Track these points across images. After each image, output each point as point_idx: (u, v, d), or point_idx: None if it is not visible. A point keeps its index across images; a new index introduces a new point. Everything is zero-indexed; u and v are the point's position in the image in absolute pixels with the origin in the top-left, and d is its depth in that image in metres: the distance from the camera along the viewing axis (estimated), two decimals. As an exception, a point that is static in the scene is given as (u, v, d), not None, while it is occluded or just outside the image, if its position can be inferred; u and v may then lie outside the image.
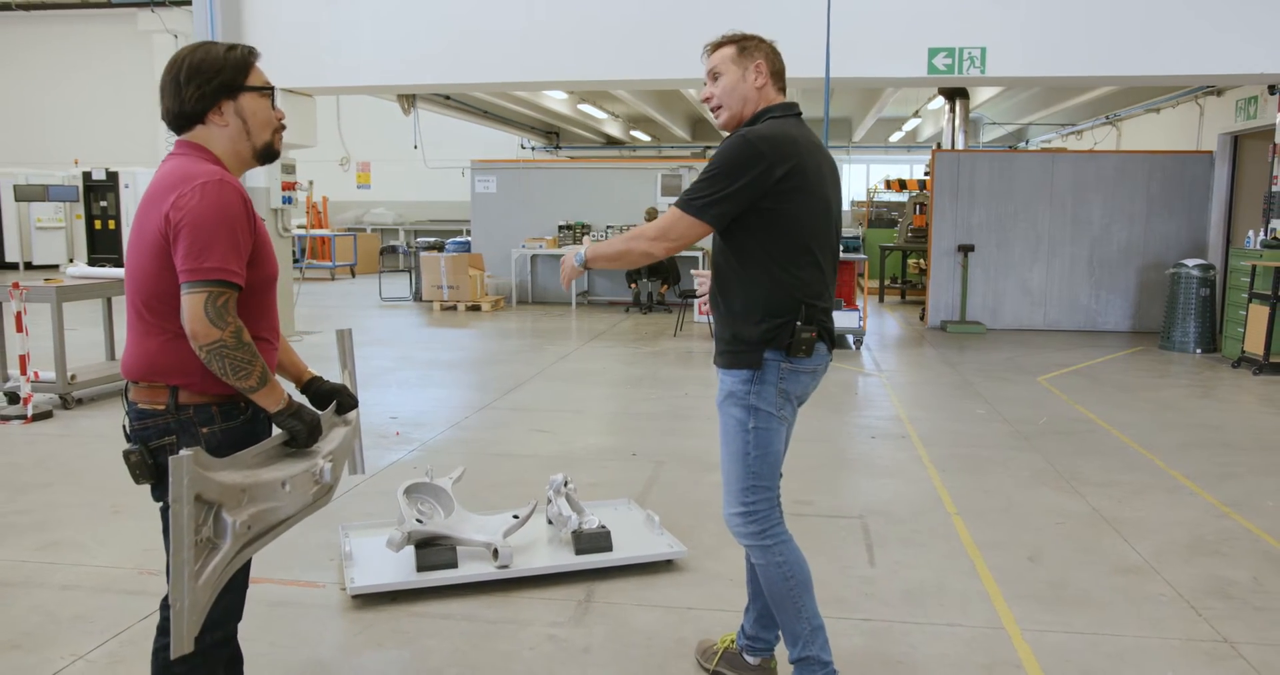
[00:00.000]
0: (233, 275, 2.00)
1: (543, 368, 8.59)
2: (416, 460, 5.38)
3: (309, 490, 2.11)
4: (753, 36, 2.66)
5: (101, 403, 6.87)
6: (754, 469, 2.61)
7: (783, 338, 2.52)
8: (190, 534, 1.79)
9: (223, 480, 1.88)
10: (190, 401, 2.08)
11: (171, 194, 2.00)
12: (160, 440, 2.07)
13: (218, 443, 2.08)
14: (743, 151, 2.44)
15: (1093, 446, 5.93)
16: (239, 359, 2.00)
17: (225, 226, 1.99)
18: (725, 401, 2.63)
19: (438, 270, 13.19)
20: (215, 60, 2.11)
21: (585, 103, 18.09)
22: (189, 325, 1.97)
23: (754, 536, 2.66)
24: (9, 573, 3.71)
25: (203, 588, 1.84)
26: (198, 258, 1.96)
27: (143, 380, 2.08)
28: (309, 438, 2.15)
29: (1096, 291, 11.39)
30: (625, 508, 4.39)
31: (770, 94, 2.63)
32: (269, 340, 2.21)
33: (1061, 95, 14.29)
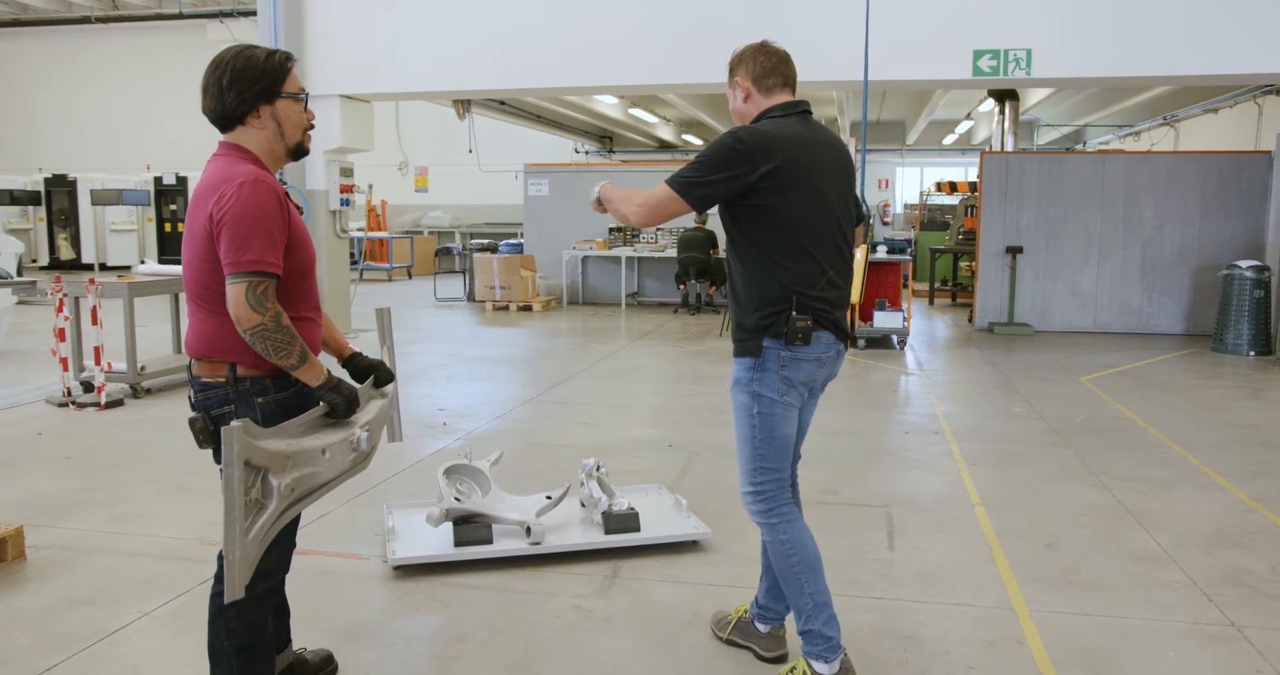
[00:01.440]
0: (270, 266, 2.23)
1: (588, 365, 8.81)
2: (461, 448, 5.61)
3: (347, 457, 2.34)
4: (738, 53, 2.82)
5: (168, 392, 7.25)
6: (761, 451, 2.76)
7: (778, 326, 2.65)
8: (240, 495, 2.02)
9: (269, 447, 2.11)
10: (247, 375, 2.32)
11: (214, 194, 2.23)
12: (220, 409, 2.31)
13: (270, 411, 2.32)
14: (728, 147, 2.58)
15: (1127, 443, 5.96)
16: (279, 340, 2.23)
17: (261, 222, 2.22)
18: (733, 388, 2.79)
19: (490, 271, 13.52)
20: (256, 67, 2.34)
21: (636, 107, 18.33)
22: (233, 311, 2.21)
23: (761, 515, 2.82)
24: (83, 541, 4.03)
25: (252, 542, 2.07)
26: (238, 252, 2.20)
27: (204, 357, 2.33)
28: (347, 409, 2.38)
29: (1148, 294, 11.28)
30: (656, 493, 4.57)
31: (759, 101, 2.77)
32: (312, 319, 2.44)
33: (1117, 96, 14.16)
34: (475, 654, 3.06)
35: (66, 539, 4.04)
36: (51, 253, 20.38)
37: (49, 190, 20.30)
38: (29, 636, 3.13)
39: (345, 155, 10.68)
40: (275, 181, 2.32)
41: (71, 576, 3.65)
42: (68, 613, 3.32)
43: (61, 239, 20.34)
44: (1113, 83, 11.32)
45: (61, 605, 3.38)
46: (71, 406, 6.64)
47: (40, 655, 3.00)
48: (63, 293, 6.78)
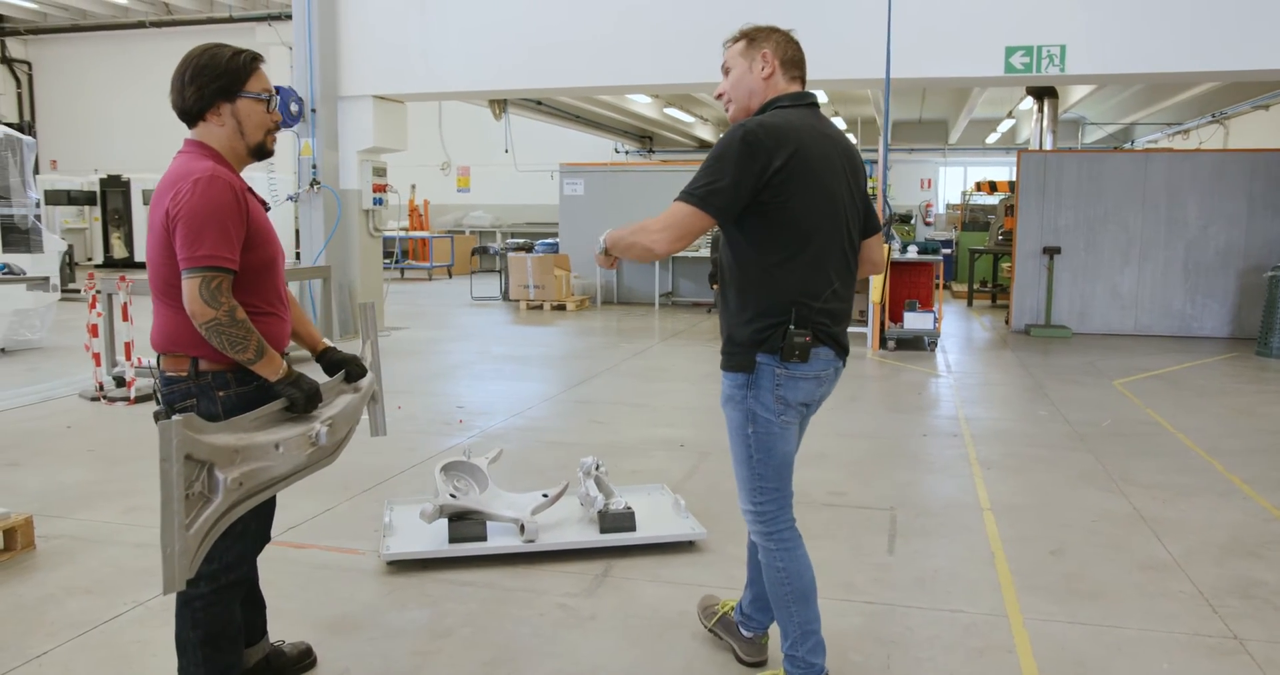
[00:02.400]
0: (224, 261, 2.26)
1: (614, 364, 8.82)
2: (473, 447, 5.66)
3: (304, 452, 2.35)
4: (764, 27, 2.60)
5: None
6: (759, 472, 2.57)
7: (774, 341, 2.43)
8: (180, 488, 2.04)
9: (213, 442, 2.14)
10: (209, 369, 2.36)
11: (171, 191, 2.28)
12: (183, 402, 2.36)
13: (232, 405, 2.36)
14: (739, 141, 2.35)
15: (1152, 449, 5.81)
16: (234, 335, 2.26)
17: (215, 218, 2.25)
18: (725, 403, 2.58)
19: (525, 270, 13.60)
20: (218, 65, 2.37)
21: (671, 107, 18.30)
22: (188, 306, 2.24)
23: (761, 536, 2.66)
24: (92, 532, 4.13)
25: (194, 536, 2.09)
26: (192, 247, 2.23)
27: (167, 351, 2.38)
28: (307, 404, 2.40)
29: (1192, 296, 10.99)
30: (657, 492, 4.56)
31: (779, 84, 2.56)
32: (276, 314, 2.47)
33: (1162, 93, 13.83)
34: (455, 650, 3.08)
35: (77, 529, 4.14)
36: (106, 251, 20.91)
37: (104, 190, 20.83)
38: (25, 624, 3.22)
39: (378, 155, 10.81)
40: (233, 177, 2.35)
41: (75, 566, 3.74)
42: (66, 601, 3.40)
43: (115, 238, 20.86)
44: (1152, 79, 11.04)
45: (61, 594, 3.47)
46: (103, 401, 6.80)
47: (33, 642, 3.08)
48: (95, 290, 6.96)
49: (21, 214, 8.56)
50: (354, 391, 2.66)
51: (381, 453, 5.14)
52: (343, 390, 2.62)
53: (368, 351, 2.89)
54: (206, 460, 2.15)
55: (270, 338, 2.39)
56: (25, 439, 5.77)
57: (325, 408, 2.48)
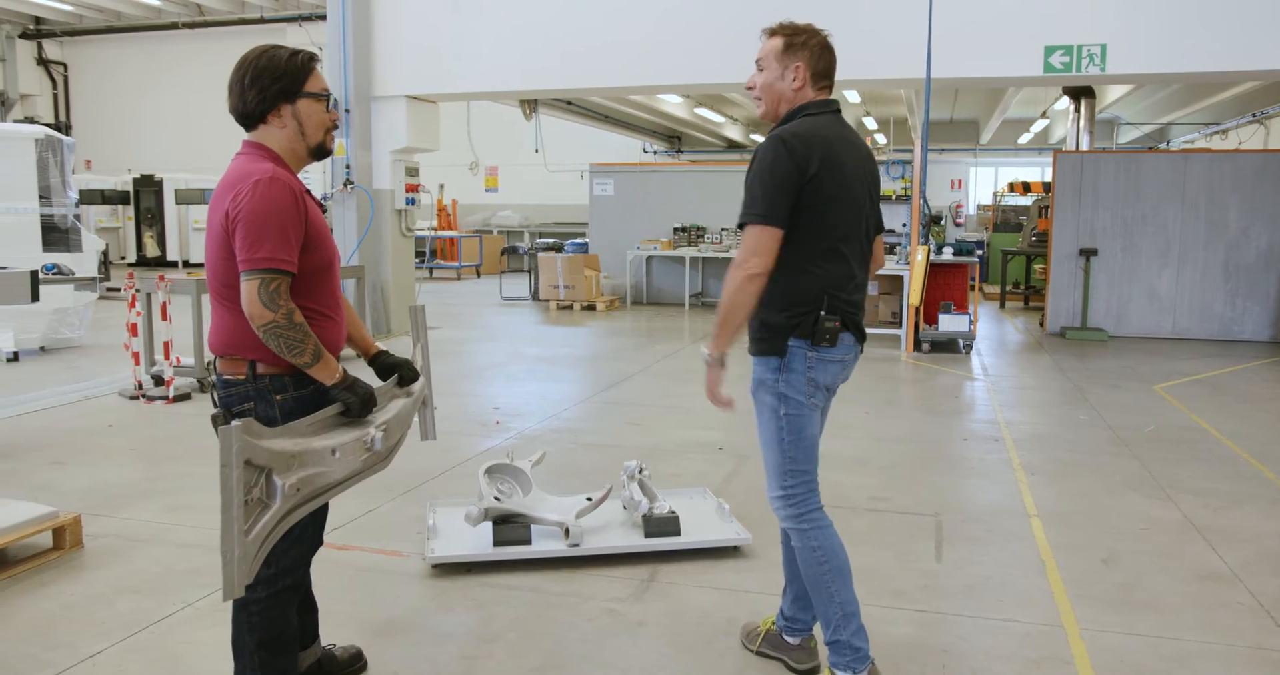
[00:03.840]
0: (283, 263, 2.25)
1: (646, 365, 8.80)
2: (512, 447, 5.65)
3: (359, 457, 2.34)
4: (804, 30, 2.70)
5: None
6: (790, 454, 2.72)
7: (806, 326, 2.62)
8: (239, 494, 2.03)
9: (271, 447, 2.13)
10: (266, 372, 2.35)
11: (231, 192, 2.27)
12: (241, 406, 2.35)
13: (290, 408, 2.35)
14: (782, 156, 2.55)
15: (1198, 455, 5.72)
16: (292, 338, 2.25)
17: (276, 220, 2.24)
18: (757, 389, 2.74)
19: (554, 270, 13.59)
20: (277, 66, 2.37)
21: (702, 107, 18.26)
22: (246, 308, 2.24)
23: (792, 519, 2.76)
24: (139, 530, 4.15)
25: (253, 541, 2.08)
26: (252, 249, 2.22)
27: (225, 354, 2.37)
28: (362, 408, 2.39)
29: (1232, 298, 10.82)
30: (700, 496, 4.53)
31: (808, 94, 2.69)
32: (332, 317, 2.46)
33: (1202, 93, 13.63)
34: (503, 655, 3.06)
35: (123, 528, 4.16)
36: (139, 250, 21.13)
37: (137, 190, 21.05)
38: (78, 623, 3.23)
39: (411, 155, 10.84)
40: (293, 179, 2.34)
41: (123, 565, 3.75)
42: (116, 601, 3.41)
43: (148, 237, 21.08)
44: (1195, 79, 10.88)
45: (111, 593, 3.48)
46: (142, 399, 6.85)
47: (86, 642, 3.09)
48: (135, 289, 7.01)
49: (61, 214, 8.64)
50: (406, 396, 2.65)
51: (420, 454, 5.12)
52: (396, 394, 2.61)
53: (418, 354, 2.88)
54: (265, 465, 2.14)
55: (326, 342, 2.38)
56: (68, 437, 5.82)
57: (379, 412, 2.47)
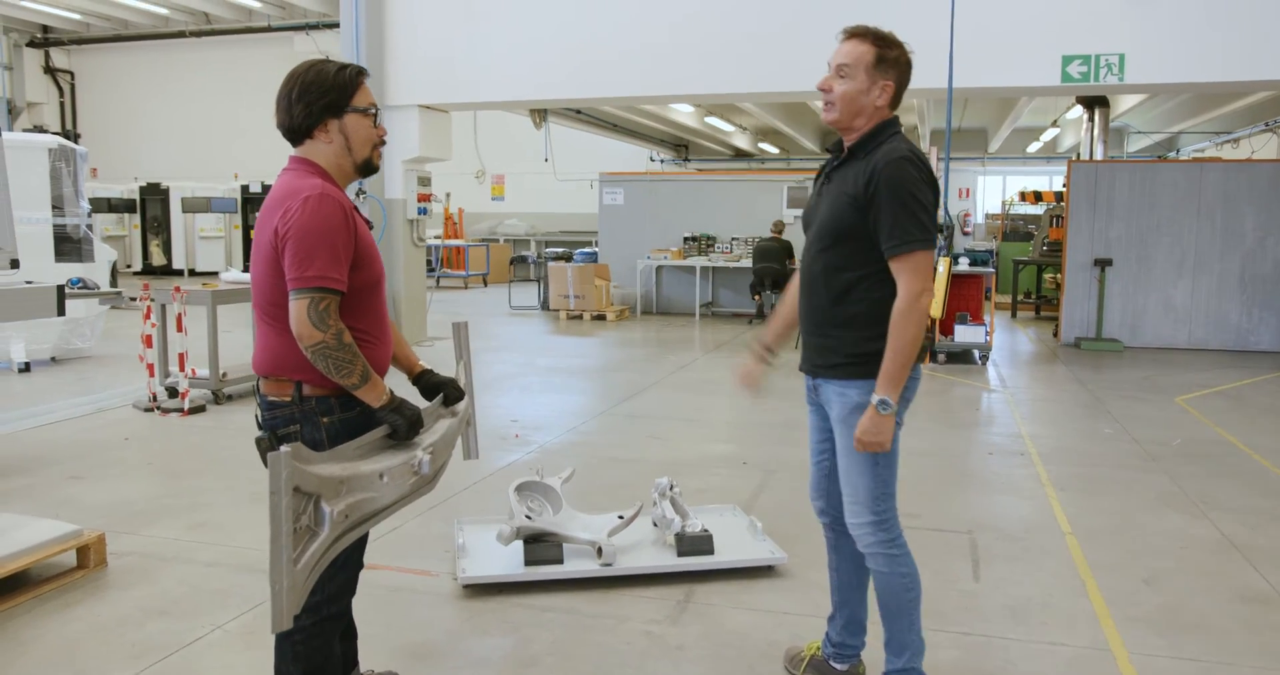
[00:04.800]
0: (333, 282, 2.19)
1: (662, 376, 8.73)
2: (533, 461, 5.58)
3: (407, 481, 2.28)
4: (895, 43, 2.58)
5: (248, 398, 7.37)
6: (883, 477, 2.63)
7: None
8: (289, 523, 1.96)
9: (321, 473, 2.06)
10: (313, 394, 2.29)
11: (280, 209, 2.21)
12: (287, 428, 2.29)
13: (336, 431, 2.29)
14: (920, 172, 2.47)
15: (1229, 470, 5.65)
16: (341, 358, 2.19)
17: (326, 238, 2.19)
18: (849, 415, 2.59)
19: (565, 280, 13.54)
20: (325, 80, 2.31)
21: (712, 116, 18.22)
22: (295, 328, 2.18)
23: (883, 544, 2.66)
24: (163, 549, 4.08)
25: (301, 571, 2.01)
26: (301, 267, 2.16)
27: (270, 375, 2.31)
28: (409, 431, 2.32)
29: (1248, 309, 10.76)
30: (730, 514, 4.46)
31: (886, 111, 2.60)
32: (378, 338, 2.40)
33: (1214, 102, 13.59)
34: (544, 680, 2.99)
35: (146, 546, 4.10)
36: (144, 258, 21.10)
37: (144, 198, 21.03)
38: (107, 647, 3.16)
39: (423, 164, 10.80)
40: (342, 196, 2.28)
41: (150, 586, 3.69)
42: (145, 623, 3.35)
43: (154, 245, 21.04)
44: (1212, 89, 10.84)
45: (139, 615, 3.41)
46: (157, 411, 6.79)
47: (116, 666, 3.02)
48: (150, 300, 6.95)
49: (74, 224, 8.60)
50: (451, 416, 2.58)
51: (444, 469, 5.07)
52: (441, 415, 2.55)
53: (461, 372, 2.82)
54: (314, 492, 2.07)
55: (373, 362, 2.32)
56: (85, 451, 5.76)
57: (426, 434, 2.41)
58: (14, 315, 3.99)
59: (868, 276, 2.55)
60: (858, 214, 2.51)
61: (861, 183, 2.49)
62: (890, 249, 2.46)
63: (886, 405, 2.46)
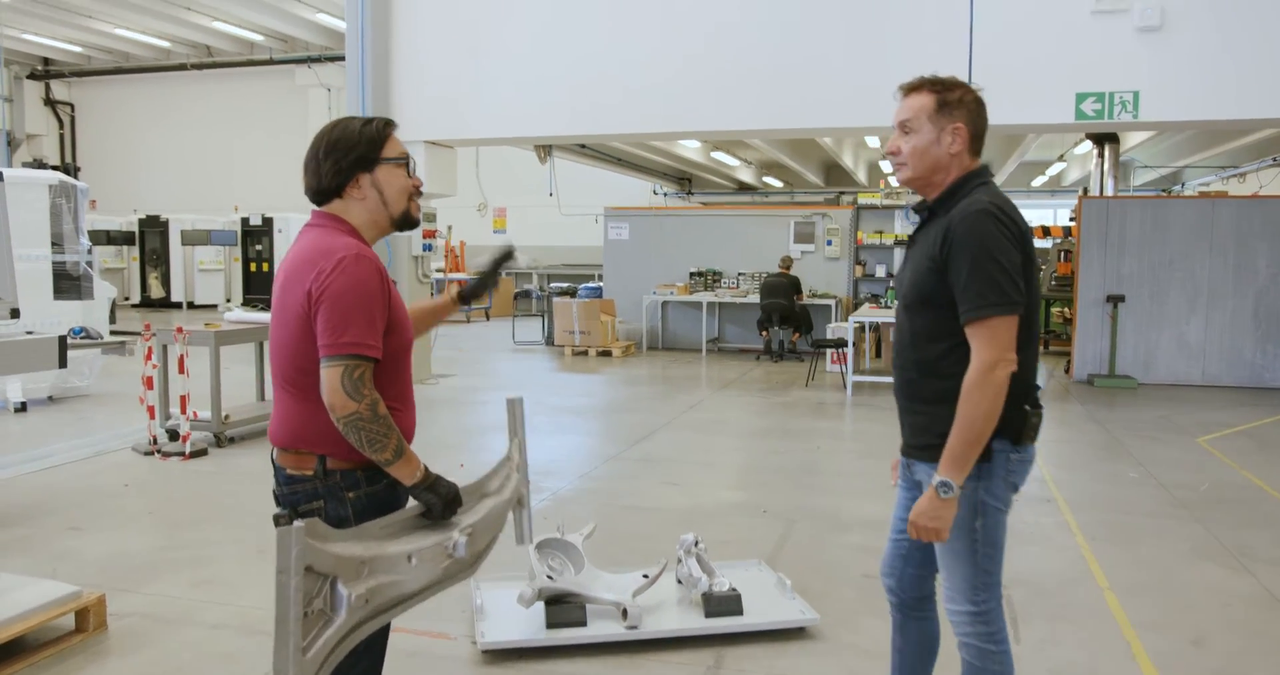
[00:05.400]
0: (369, 349, 2.05)
1: (672, 417, 8.57)
2: (547, 510, 5.42)
3: (439, 564, 2.10)
4: (956, 85, 2.38)
5: (251, 442, 7.21)
6: (984, 566, 2.39)
7: (1014, 424, 2.29)
8: (297, 606, 1.79)
9: (339, 552, 1.89)
10: (337, 467, 2.13)
11: (312, 269, 2.06)
12: (309, 505, 2.13)
13: (363, 507, 2.13)
14: (1002, 227, 2.22)
15: (1262, 518, 5.49)
16: (375, 431, 2.03)
17: (363, 302, 2.04)
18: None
19: (570, 315, 13.41)
20: (351, 136, 2.18)
21: (718, 150, 18.21)
22: (327, 397, 2.02)
23: (982, 638, 2.42)
24: (167, 608, 3.90)
25: (311, 661, 1.83)
26: (336, 332, 2.02)
27: (291, 447, 2.16)
28: (444, 511, 2.15)
29: (1263, 345, 10.63)
30: (756, 569, 4.29)
31: (965, 160, 2.36)
32: (405, 404, 2.25)
33: (1222, 137, 13.58)
34: (573, 760, 2.82)
35: (148, 606, 3.92)
36: (143, 291, 20.98)
37: (142, 230, 20.97)
38: (106, 721, 2.98)
39: (429, 201, 10.70)
40: (376, 257, 2.14)
41: (152, 650, 3.51)
42: (147, 694, 3.17)
43: (153, 278, 20.94)
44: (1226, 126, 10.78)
45: (141, 685, 3.23)
46: (157, 455, 6.62)
47: (117, 745, 2.84)
48: (151, 341, 6.80)
49: (74, 260, 8.47)
50: (495, 495, 2.41)
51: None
52: (485, 494, 2.37)
53: (514, 450, 2.63)
54: (330, 573, 1.90)
55: (401, 430, 2.17)
56: (84, 499, 5.58)
57: (465, 514, 2.23)
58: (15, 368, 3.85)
59: (958, 346, 2.29)
60: (938, 278, 2.29)
61: (938, 243, 2.28)
62: (965, 314, 2.23)
63: (948, 488, 2.22)
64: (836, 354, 11.47)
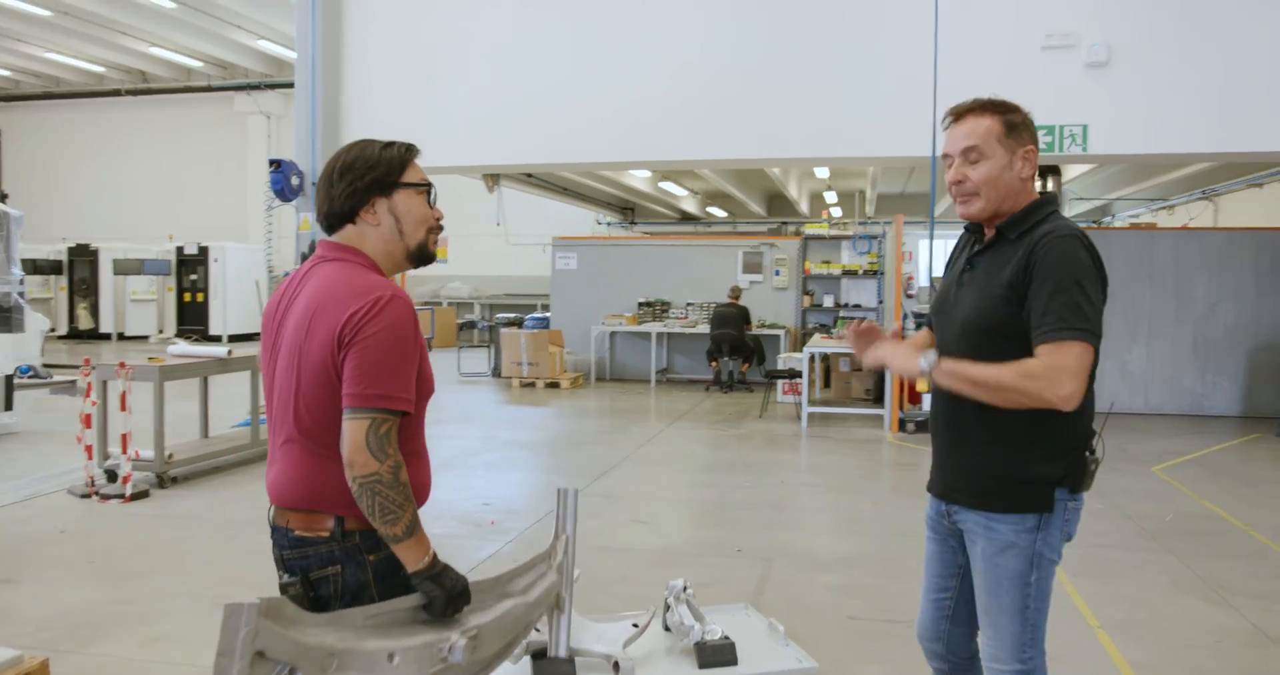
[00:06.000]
0: (401, 402, 1.87)
1: (630, 451, 8.41)
2: (515, 552, 5.22)
3: (427, 669, 1.85)
4: (1015, 106, 2.26)
5: (196, 482, 6.86)
6: (1033, 622, 2.26)
7: (1075, 471, 2.18)
8: None
9: (302, 639, 1.65)
10: (357, 527, 1.92)
11: (341, 310, 1.88)
12: (323, 571, 1.92)
13: (384, 571, 1.94)
14: (1091, 256, 2.11)
15: (1231, 549, 5.52)
16: (390, 499, 1.84)
17: (398, 349, 1.87)
18: (999, 553, 2.22)
19: (518, 346, 13.20)
20: (370, 157, 2.01)
21: (666, 180, 18.22)
22: (348, 454, 1.83)
23: None
24: (117, 671, 3.61)
25: None
26: (366, 382, 1.84)
27: (302, 507, 1.95)
28: (447, 607, 1.90)
29: (1202, 374, 10.89)
30: (744, 614, 4.13)
31: (1030, 186, 2.24)
32: (422, 454, 2.08)
33: (1154, 171, 13.96)
34: None
35: (95, 669, 3.63)
36: (71, 322, 20.20)
37: (72, 259, 20.22)
38: None
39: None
40: (410, 299, 1.95)
41: (104, 720, 3.23)
42: (102, 771, 2.89)
43: (81, 308, 20.17)
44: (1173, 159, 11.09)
45: (94, 761, 2.96)
46: (95, 498, 6.25)
47: None
48: (90, 377, 6.45)
49: (4, 291, 8.03)
50: (520, 596, 2.16)
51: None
52: (506, 594, 2.11)
53: (559, 547, 2.40)
54: (287, 662, 1.63)
55: (417, 482, 1.98)
56: (18, 548, 5.21)
57: (473, 613, 1.98)
58: (-45, 411, 3.54)
59: None
60: (1013, 306, 2.11)
61: (1019, 267, 2.11)
62: (1042, 334, 2.03)
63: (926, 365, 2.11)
64: (789, 384, 11.45)
